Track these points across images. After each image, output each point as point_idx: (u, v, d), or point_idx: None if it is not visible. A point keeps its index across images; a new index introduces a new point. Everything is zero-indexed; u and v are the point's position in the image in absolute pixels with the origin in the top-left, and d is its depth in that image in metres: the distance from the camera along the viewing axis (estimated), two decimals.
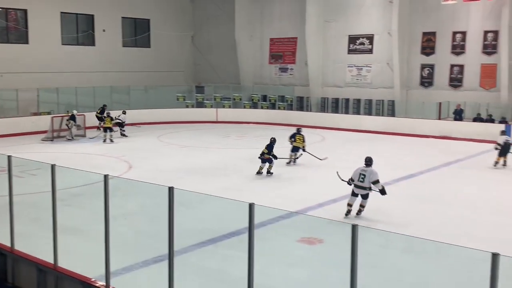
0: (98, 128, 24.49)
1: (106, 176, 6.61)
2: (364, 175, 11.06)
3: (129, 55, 30.91)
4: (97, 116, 24.73)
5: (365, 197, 11.21)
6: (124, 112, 24.30)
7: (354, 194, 11.22)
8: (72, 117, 23.06)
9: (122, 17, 30.98)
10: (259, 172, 15.72)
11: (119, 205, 10.01)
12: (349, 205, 11.22)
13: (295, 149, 17.43)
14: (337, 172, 12.10)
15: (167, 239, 6.13)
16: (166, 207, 6.11)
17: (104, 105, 25.04)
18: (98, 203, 7.00)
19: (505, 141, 17.08)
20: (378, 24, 27.51)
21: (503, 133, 18.20)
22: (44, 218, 8.67)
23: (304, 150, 17.46)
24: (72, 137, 22.80)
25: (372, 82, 28.00)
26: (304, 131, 18.13)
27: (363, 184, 11.07)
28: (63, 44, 28.31)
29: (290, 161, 17.40)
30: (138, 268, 8.31)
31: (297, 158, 17.47)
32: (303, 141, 17.44)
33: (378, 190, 11.09)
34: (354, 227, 4.73)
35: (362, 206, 11.26)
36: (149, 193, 10.73)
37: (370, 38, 27.92)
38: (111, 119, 22.46)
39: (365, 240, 5.29)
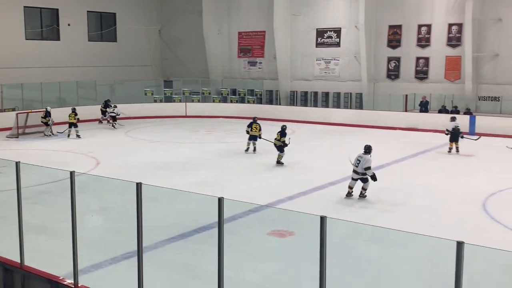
0: (100, 121, 26.10)
1: (72, 173, 6.50)
2: (359, 161, 12.01)
3: (95, 50, 30.41)
4: (101, 110, 26.20)
5: (364, 180, 12.10)
6: (115, 106, 25.37)
7: (352, 178, 12.23)
8: (48, 114, 22.68)
9: (88, 11, 30.43)
10: (279, 162, 16.25)
11: (86, 202, 9.86)
12: (350, 187, 12.20)
13: (252, 138, 18.30)
14: (349, 157, 12.76)
15: (135, 235, 6.07)
16: (135, 203, 6.05)
17: (108, 100, 26.22)
18: (65, 201, 6.88)
19: (454, 127, 17.94)
20: (345, 18, 27.73)
21: (452, 119, 18.80)
22: (9, 217, 8.48)
23: (260, 137, 18.20)
24: (52, 133, 22.44)
25: (340, 75, 28.24)
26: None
27: (357, 169, 12.07)
28: (27, 39, 27.67)
29: (248, 149, 18.41)
30: (108, 265, 8.21)
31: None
32: (259, 130, 18.27)
33: (370, 176, 11.99)
34: (322, 219, 4.77)
35: (363, 189, 12.15)
36: (117, 189, 10.60)
37: (338, 31, 28.12)
38: (75, 114, 22.08)
39: (334, 231, 5.34)
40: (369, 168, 11.94)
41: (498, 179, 14.13)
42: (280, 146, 16.29)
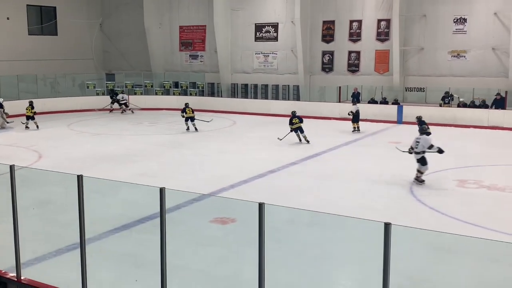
0: (110, 111, 26.90)
1: (12, 167, 6.23)
2: (418, 142, 12.45)
3: (36, 44, 29.16)
4: (112, 100, 27.16)
5: (420, 161, 12.39)
6: (122, 92, 27.23)
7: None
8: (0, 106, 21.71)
9: (27, 5, 29.11)
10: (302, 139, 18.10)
11: (28, 195, 9.48)
12: (420, 172, 12.47)
13: (188, 119, 20.96)
14: (396, 147, 13.60)
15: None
16: (77, 195, 5.87)
17: (114, 89, 27.69)
18: (6, 194, 6.59)
19: (356, 111, 20.49)
20: (282, 13, 27.91)
21: (354, 103, 21.21)
22: None
23: (195, 119, 20.94)
24: (4, 126, 21.48)
25: (278, 68, 28.46)
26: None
27: (417, 150, 12.42)
28: None
29: (188, 128, 20.98)
30: (51, 257, 7.94)
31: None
32: (192, 112, 21.10)
33: (436, 151, 12.38)
34: (260, 205, 4.80)
35: (418, 171, 12.46)
36: (59, 182, 10.24)
37: (275, 26, 28.27)
38: (32, 107, 21.26)
39: (273, 217, 5.38)
40: (431, 146, 12.30)
41: None
42: (300, 127, 18.09)
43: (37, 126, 21.42)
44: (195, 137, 19.99)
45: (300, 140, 18.18)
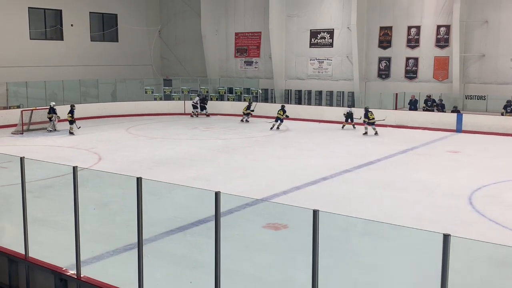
0: (191, 115, 27.85)
1: (75, 168, 6.48)
2: None
3: (97, 49, 30.31)
4: (199, 106, 27.93)
5: None
6: (198, 95, 27.81)
7: None
8: (52, 110, 22.62)
9: (90, 12, 30.33)
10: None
11: (89, 196, 9.83)
12: None
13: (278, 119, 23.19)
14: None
15: (136, 228, 6.05)
16: (134, 197, 6.03)
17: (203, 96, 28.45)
18: (68, 195, 6.86)
19: (348, 111, 23.00)
20: (338, 19, 27.72)
21: (349, 106, 24.07)
22: (14, 210, 8.47)
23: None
24: (55, 129, 22.40)
25: (333, 74, 28.25)
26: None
27: None
28: (31, 39, 27.55)
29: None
30: (109, 256, 8.20)
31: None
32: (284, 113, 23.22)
33: None
34: (315, 212, 4.77)
35: None
36: (118, 184, 10.57)
37: (331, 32, 28.11)
38: (72, 112, 21.99)
39: (326, 224, 5.34)
40: None
41: (482, 175, 14.18)
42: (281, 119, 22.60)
43: (71, 133, 21.57)
44: (248, 142, 20.14)
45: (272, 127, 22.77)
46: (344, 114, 23.32)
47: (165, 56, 34.31)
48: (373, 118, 21.51)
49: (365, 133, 21.51)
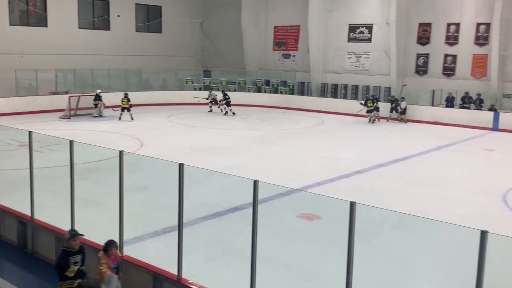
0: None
1: (121, 152, 6.62)
2: None
3: (142, 40, 30.73)
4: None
5: None
6: (222, 92, 25.84)
7: None
8: (98, 97, 23.17)
9: (136, 4, 30.74)
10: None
11: (131, 179, 10.03)
12: None
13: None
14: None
15: (176, 212, 6.14)
16: (175, 182, 6.11)
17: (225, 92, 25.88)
18: (112, 177, 7.01)
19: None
20: (377, 15, 27.26)
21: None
22: (61, 190, 8.71)
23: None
24: (101, 115, 22.95)
25: (370, 69, 27.84)
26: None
27: None
28: (79, 28, 28.15)
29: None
30: (149, 238, 8.38)
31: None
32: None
33: None
34: (352, 204, 4.74)
35: None
36: (159, 169, 10.72)
37: (369, 27, 27.67)
38: (128, 100, 22.43)
39: (359, 216, 5.30)
40: None
41: None
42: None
43: (132, 118, 22.18)
44: (283, 134, 20.12)
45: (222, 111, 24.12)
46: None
47: (205, 47, 34.52)
48: (371, 106, 23.20)
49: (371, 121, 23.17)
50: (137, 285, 6.59)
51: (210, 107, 25.74)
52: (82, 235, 5.55)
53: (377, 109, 23.32)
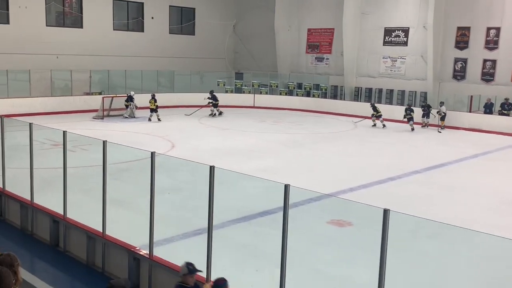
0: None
1: (153, 153, 6.70)
2: None
3: (175, 42, 31.10)
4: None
5: None
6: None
7: None
8: (130, 98, 23.59)
9: (170, 6, 31.14)
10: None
11: (162, 180, 10.17)
12: None
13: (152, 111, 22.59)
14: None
15: (205, 214, 6.17)
16: (205, 184, 6.12)
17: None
18: (143, 178, 7.10)
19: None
20: (414, 18, 26.85)
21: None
22: (93, 190, 8.90)
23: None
24: (133, 116, 23.36)
25: (406, 73, 27.44)
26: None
27: None
28: (114, 30, 28.69)
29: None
30: (179, 239, 8.45)
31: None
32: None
33: None
34: (385, 212, 4.68)
35: None
36: (190, 170, 10.85)
37: (406, 31, 27.29)
38: (155, 101, 22.74)
39: (393, 224, 5.23)
40: None
41: None
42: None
43: (159, 119, 22.52)
44: (315, 138, 20.02)
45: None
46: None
47: (237, 50, 34.69)
48: (380, 112, 23.45)
49: (374, 125, 23.44)
50: (166, 287, 6.65)
51: (212, 111, 25.24)
52: (200, 271, 5.34)
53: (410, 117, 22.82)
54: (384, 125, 23.02)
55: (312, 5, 30.81)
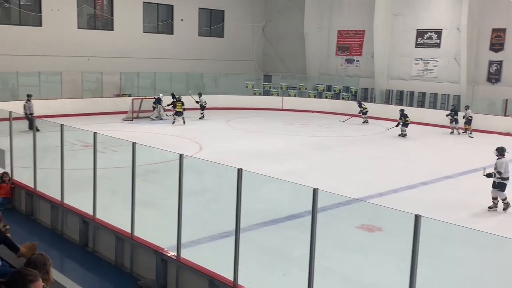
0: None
1: (181, 155, 6.77)
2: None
3: (204, 44, 31.34)
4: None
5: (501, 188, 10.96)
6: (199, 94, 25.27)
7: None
8: (158, 100, 23.87)
9: (199, 8, 31.42)
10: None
11: (189, 182, 10.28)
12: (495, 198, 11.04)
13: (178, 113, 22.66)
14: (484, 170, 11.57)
15: (232, 217, 6.19)
16: (232, 186, 6.15)
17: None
18: (171, 180, 7.18)
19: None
20: (447, 19, 26.42)
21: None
22: (122, 191, 9.02)
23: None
24: (161, 118, 23.63)
25: (438, 76, 26.99)
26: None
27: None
28: (144, 32, 29.11)
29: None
30: (206, 242, 8.50)
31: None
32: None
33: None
34: (417, 217, 4.60)
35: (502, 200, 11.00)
36: (217, 173, 10.90)
37: (439, 32, 26.86)
38: (182, 103, 22.94)
39: (424, 230, 5.16)
40: (500, 172, 10.92)
41: None
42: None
43: (184, 122, 22.61)
44: (344, 141, 19.88)
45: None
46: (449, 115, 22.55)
47: (266, 52, 34.75)
48: (366, 108, 24.68)
49: (365, 122, 24.63)
50: None
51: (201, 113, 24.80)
52: None
53: (406, 124, 21.22)
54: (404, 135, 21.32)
55: (343, 6, 30.64)
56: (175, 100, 23.22)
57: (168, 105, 24.03)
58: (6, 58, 23.26)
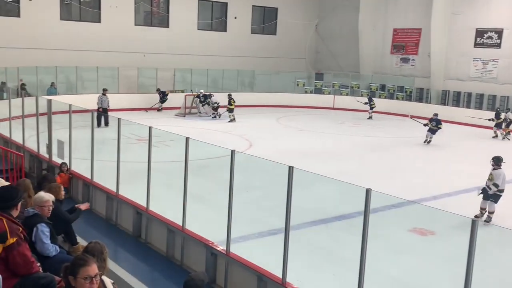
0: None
1: (232, 152, 6.84)
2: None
3: (256, 42, 31.47)
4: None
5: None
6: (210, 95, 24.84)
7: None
8: (198, 97, 24.23)
9: (253, 5, 31.54)
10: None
11: (239, 178, 10.38)
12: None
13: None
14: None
15: (281, 214, 6.20)
16: (281, 184, 6.15)
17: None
18: (222, 175, 7.25)
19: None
20: (508, 19, 25.37)
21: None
22: (174, 184, 9.20)
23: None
24: (205, 113, 24.00)
25: (498, 77, 25.97)
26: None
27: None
28: (198, 29, 29.52)
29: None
30: (254, 238, 8.56)
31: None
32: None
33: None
34: (473, 222, 4.46)
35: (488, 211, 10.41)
36: (267, 170, 10.92)
37: (499, 32, 25.84)
38: (234, 101, 23.09)
39: (479, 235, 4.99)
40: (496, 185, 10.12)
41: None
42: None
43: (234, 119, 22.77)
44: (397, 142, 19.48)
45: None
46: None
47: (319, 50, 34.49)
48: (374, 104, 25.59)
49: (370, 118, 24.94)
50: (241, 284, 6.77)
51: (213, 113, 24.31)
52: None
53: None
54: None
55: (399, 4, 29.98)
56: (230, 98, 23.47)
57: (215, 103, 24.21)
58: (66, 53, 24.19)
